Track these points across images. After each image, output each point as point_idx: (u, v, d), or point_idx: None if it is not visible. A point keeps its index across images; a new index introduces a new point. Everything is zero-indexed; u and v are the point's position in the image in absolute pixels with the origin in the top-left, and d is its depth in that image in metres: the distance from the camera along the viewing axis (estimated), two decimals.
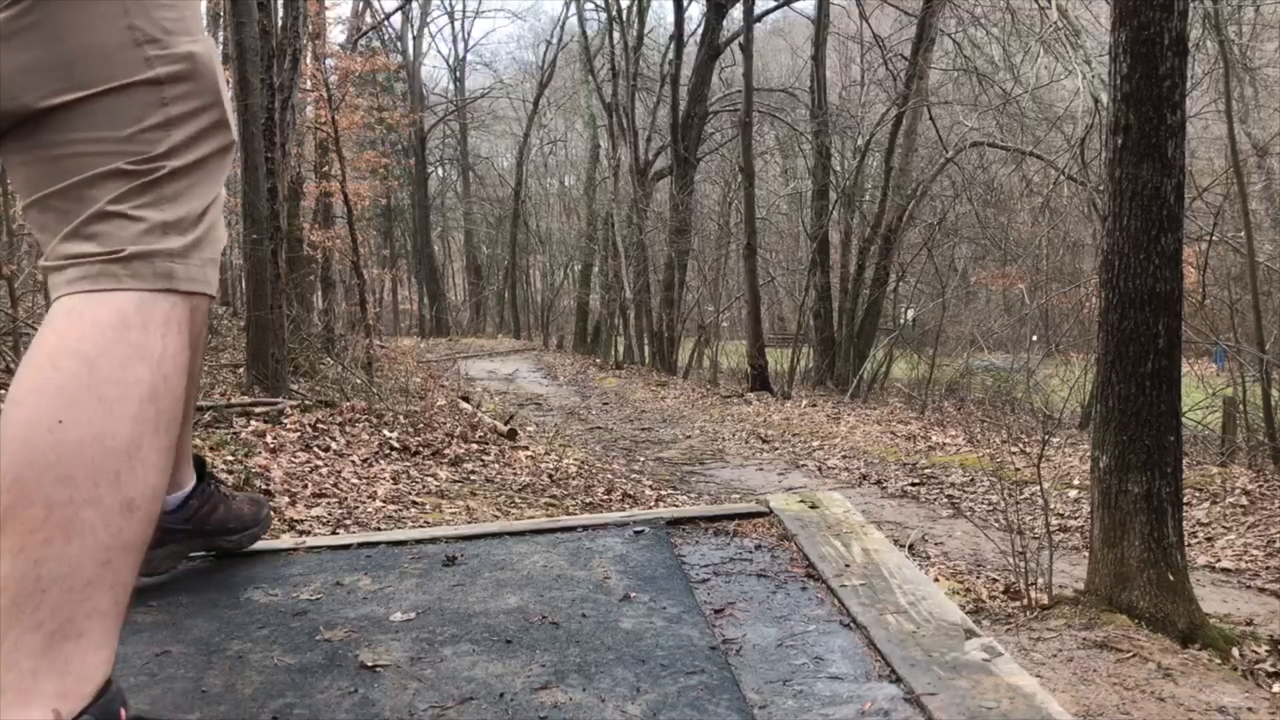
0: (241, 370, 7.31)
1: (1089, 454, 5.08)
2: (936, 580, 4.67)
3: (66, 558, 0.81)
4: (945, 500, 7.44)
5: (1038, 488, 5.39)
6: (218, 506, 1.54)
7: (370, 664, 1.24)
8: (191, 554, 1.59)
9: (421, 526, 3.90)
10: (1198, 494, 6.93)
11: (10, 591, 0.80)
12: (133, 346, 0.87)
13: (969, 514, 6.78)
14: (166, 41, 0.91)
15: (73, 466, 0.82)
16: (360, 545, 1.79)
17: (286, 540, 1.96)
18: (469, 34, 52.29)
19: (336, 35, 19.66)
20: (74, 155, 0.89)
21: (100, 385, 0.85)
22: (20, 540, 0.81)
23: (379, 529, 3.87)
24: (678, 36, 20.89)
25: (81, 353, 0.85)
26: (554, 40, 30.12)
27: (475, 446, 6.66)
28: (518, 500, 5.36)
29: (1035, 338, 15.97)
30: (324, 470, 4.93)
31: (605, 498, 6.30)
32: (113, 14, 0.88)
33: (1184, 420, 5.01)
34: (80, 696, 0.82)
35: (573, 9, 24.66)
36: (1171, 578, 4.07)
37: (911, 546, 5.72)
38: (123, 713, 0.87)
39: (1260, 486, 7.09)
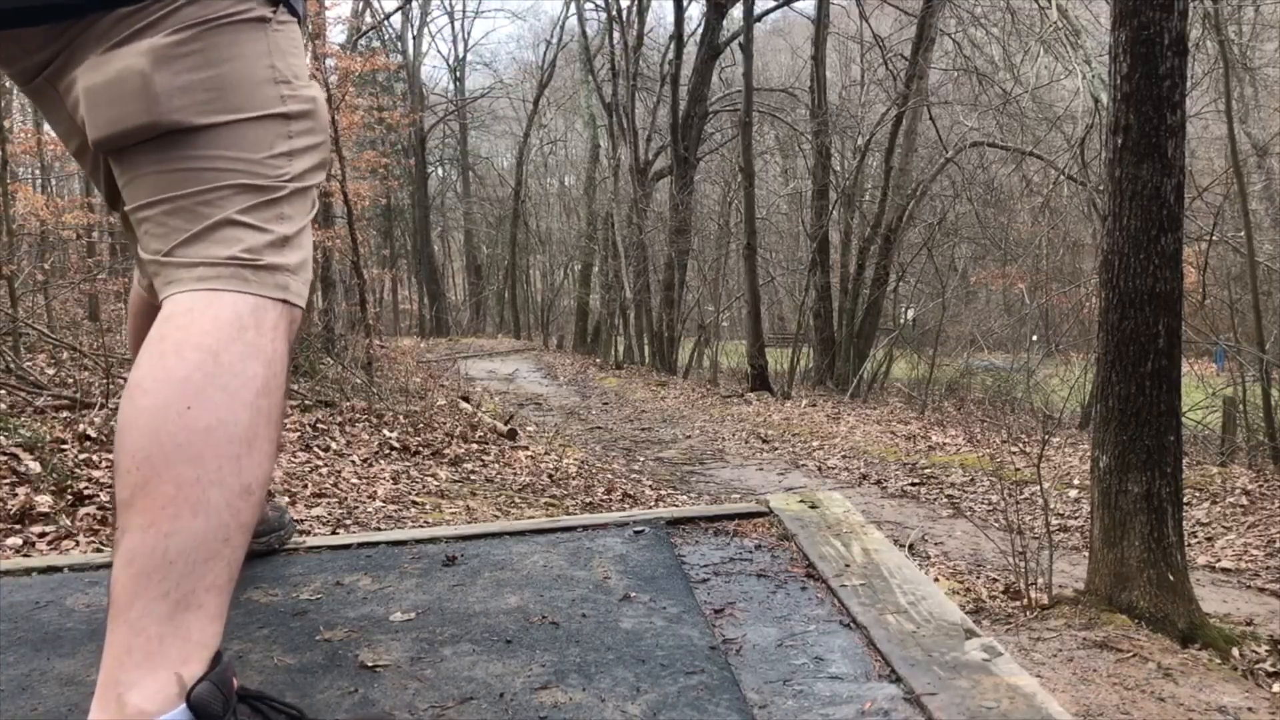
0: None
1: (1089, 454, 5.08)
2: (936, 580, 4.67)
3: (193, 533, 0.88)
4: (945, 500, 7.44)
5: (1038, 488, 5.39)
6: None
7: (370, 664, 1.24)
8: None
9: (421, 526, 3.90)
10: (1198, 494, 6.93)
11: (140, 562, 0.87)
12: (249, 344, 0.95)
13: (969, 514, 6.78)
14: (296, 84, 1.05)
15: (201, 448, 0.89)
16: (360, 545, 1.79)
17: None
18: (469, 34, 52.21)
19: (336, 35, 19.65)
20: (212, 169, 0.99)
21: (223, 376, 0.92)
22: (151, 516, 0.87)
23: (379, 529, 3.87)
24: (678, 36, 20.88)
25: (205, 345, 0.93)
26: (554, 40, 30.11)
27: (475, 446, 6.66)
28: (518, 500, 5.36)
29: (1035, 338, 15.98)
30: (324, 470, 4.93)
31: (605, 498, 6.30)
32: (260, 53, 1.02)
33: (1184, 420, 5.01)
34: (199, 662, 0.88)
35: (573, 9, 24.66)
36: (1171, 578, 4.07)
37: (911, 546, 5.72)
38: (234, 681, 0.93)
39: (1260, 486, 7.09)
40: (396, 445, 5.91)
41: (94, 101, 0.99)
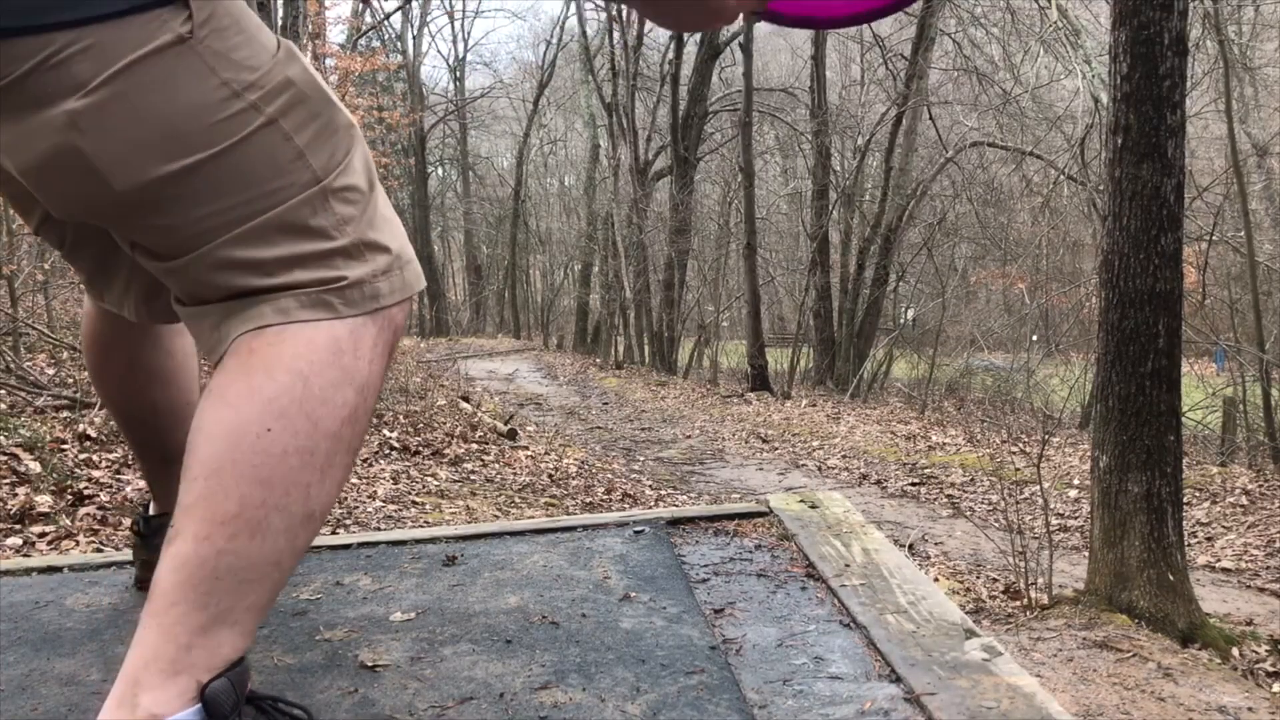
0: None
1: (1089, 454, 5.08)
2: (936, 580, 4.67)
3: (246, 554, 0.86)
4: (945, 500, 7.44)
5: (1038, 488, 5.39)
6: None
7: (370, 664, 1.24)
8: None
9: (421, 526, 3.90)
10: (1198, 494, 6.93)
11: (187, 571, 0.85)
12: (344, 370, 0.90)
13: (969, 514, 6.78)
14: (260, 80, 0.88)
15: (272, 472, 0.86)
16: (360, 545, 1.79)
17: None
18: (469, 34, 52.16)
19: (336, 35, 19.66)
20: (223, 223, 0.88)
21: (311, 403, 0.87)
22: (209, 528, 0.85)
23: (379, 529, 3.88)
24: (677, 36, 20.87)
25: (297, 370, 0.88)
26: (554, 40, 30.11)
27: (475, 446, 6.66)
28: (518, 500, 5.36)
29: (1035, 338, 15.99)
30: None
31: (605, 497, 6.30)
32: (200, 74, 0.84)
33: (1184, 420, 5.01)
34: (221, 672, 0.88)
35: (573, 9, 24.68)
36: (1171, 578, 4.07)
37: (911, 546, 5.73)
38: (249, 684, 0.92)
39: (1260, 486, 7.09)
40: (396, 445, 5.91)
41: (40, 183, 0.87)
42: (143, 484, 3.66)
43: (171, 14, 0.83)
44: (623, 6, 22.44)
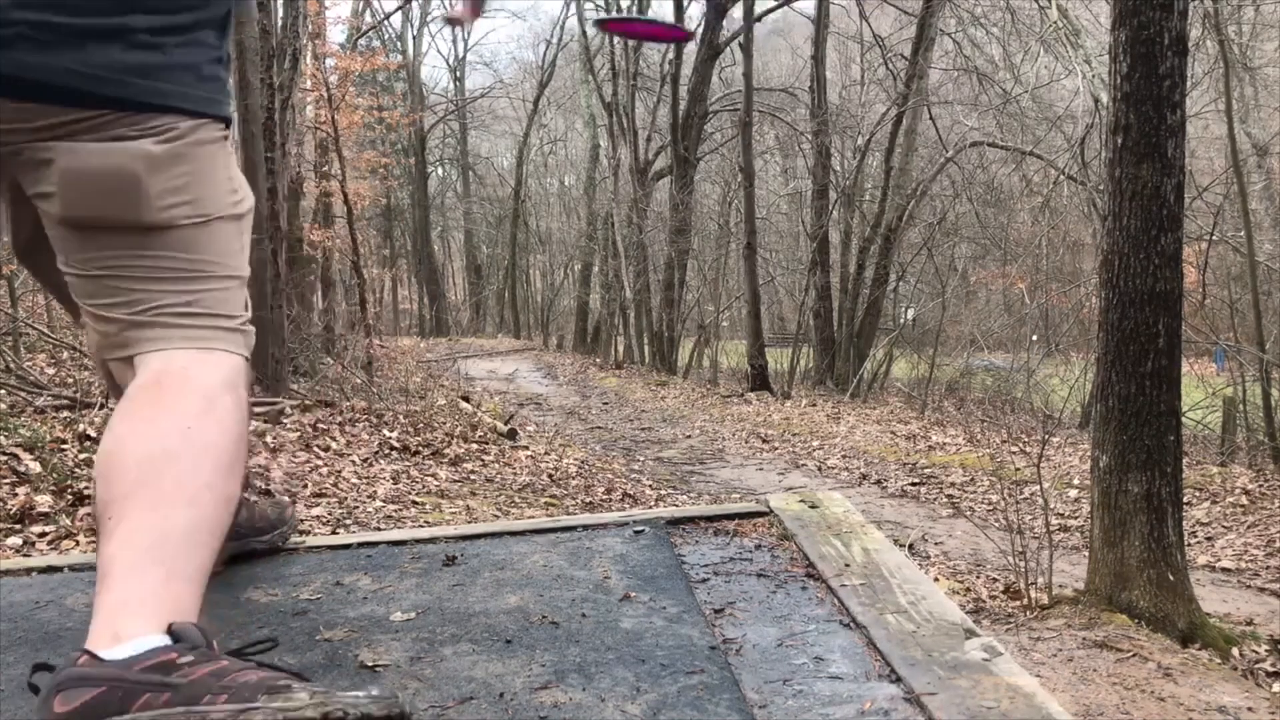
0: None
1: (1089, 454, 5.08)
2: (936, 580, 4.67)
3: (188, 520, 1.05)
4: (945, 500, 7.44)
5: (1038, 488, 5.39)
6: (240, 510, 1.59)
7: (370, 664, 1.24)
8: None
9: (421, 526, 3.90)
10: (1198, 494, 6.93)
11: (138, 539, 1.03)
12: (236, 398, 1.18)
13: (969, 514, 6.78)
14: (242, 194, 1.28)
15: (198, 458, 1.09)
16: (360, 545, 1.79)
17: None
18: (469, 34, 52.14)
19: (336, 35, 19.63)
20: (196, 259, 1.21)
21: (217, 412, 1.14)
22: (151, 502, 1.05)
23: (379, 529, 3.87)
24: None
25: (203, 393, 1.15)
26: (554, 40, 30.11)
27: (475, 446, 6.66)
28: (518, 500, 5.36)
29: (1035, 338, 15.99)
30: (324, 470, 4.93)
31: (605, 497, 6.29)
32: (223, 166, 1.25)
33: (1184, 420, 5.01)
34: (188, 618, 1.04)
35: (573, 9, 24.69)
36: (1171, 577, 4.07)
37: (911, 546, 5.72)
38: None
39: (1260, 486, 7.09)
40: (396, 445, 5.91)
41: (78, 185, 1.14)
42: None
43: (226, 130, 1.26)
44: (623, 7, 22.28)
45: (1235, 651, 3.85)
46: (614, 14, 21.55)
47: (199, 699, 0.91)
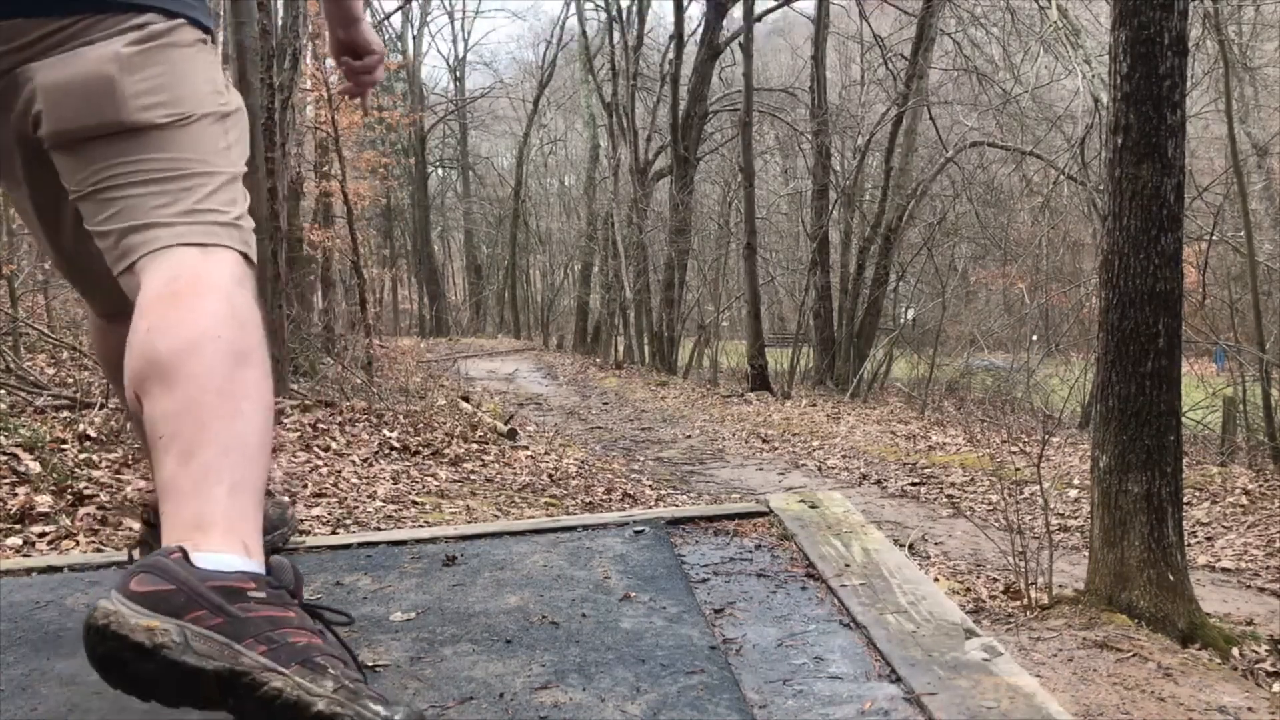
0: None
1: (1089, 454, 5.08)
2: (936, 580, 4.67)
3: (236, 432, 1.07)
4: (945, 500, 7.44)
5: (1038, 488, 5.39)
6: None
7: (370, 664, 1.24)
8: None
9: (421, 526, 3.90)
10: (1198, 494, 6.93)
11: (199, 456, 1.04)
12: (249, 292, 1.18)
13: (969, 514, 6.78)
14: (226, 95, 1.28)
15: (234, 371, 1.09)
16: (360, 545, 1.79)
17: None
18: (469, 34, 52.18)
19: None
20: (179, 158, 1.21)
21: (238, 313, 1.13)
22: (205, 420, 1.06)
23: (379, 529, 3.87)
24: (678, 36, 20.87)
25: (219, 291, 1.14)
26: (554, 40, 30.09)
27: (475, 446, 6.66)
28: (518, 500, 5.36)
29: (1035, 338, 15.99)
30: (324, 470, 4.93)
31: (605, 497, 6.29)
32: (205, 66, 1.26)
33: (1184, 420, 5.01)
34: (258, 547, 1.04)
35: (573, 9, 24.68)
36: (1171, 577, 4.07)
37: (911, 546, 5.72)
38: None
39: (1260, 486, 7.09)
40: (396, 445, 5.91)
41: (58, 97, 1.16)
42: (143, 483, 3.66)
43: (205, 35, 1.28)
44: (623, 7, 22.28)
45: (1235, 651, 3.85)
46: (614, 20, 21.59)
47: (242, 638, 0.94)
